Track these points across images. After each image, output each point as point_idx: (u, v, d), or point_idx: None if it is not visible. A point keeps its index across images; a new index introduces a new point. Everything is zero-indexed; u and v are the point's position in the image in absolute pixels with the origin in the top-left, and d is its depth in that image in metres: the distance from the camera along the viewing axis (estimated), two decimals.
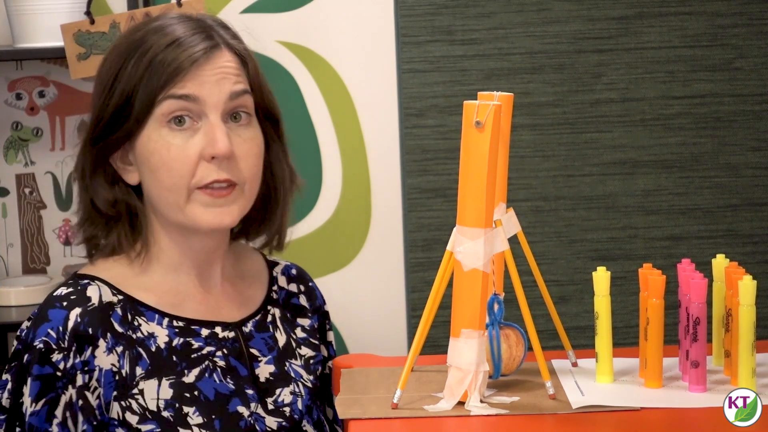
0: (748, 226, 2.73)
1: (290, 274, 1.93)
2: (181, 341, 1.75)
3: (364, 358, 1.87)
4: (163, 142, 1.72)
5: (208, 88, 1.72)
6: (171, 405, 1.71)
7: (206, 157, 1.71)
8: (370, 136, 2.71)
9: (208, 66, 1.73)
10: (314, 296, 1.94)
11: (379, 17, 2.69)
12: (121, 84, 1.73)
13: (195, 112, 1.72)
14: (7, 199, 2.75)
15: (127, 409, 1.70)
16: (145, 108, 1.72)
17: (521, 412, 1.59)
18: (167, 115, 1.71)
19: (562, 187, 2.71)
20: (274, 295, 1.89)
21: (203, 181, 1.72)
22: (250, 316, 1.83)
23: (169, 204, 1.74)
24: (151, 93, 1.72)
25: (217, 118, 1.72)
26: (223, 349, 1.77)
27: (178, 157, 1.71)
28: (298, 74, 2.68)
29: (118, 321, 1.73)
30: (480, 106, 1.57)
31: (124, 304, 1.75)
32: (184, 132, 1.72)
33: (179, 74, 1.71)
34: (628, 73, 2.69)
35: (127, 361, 1.72)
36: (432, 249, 2.72)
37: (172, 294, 1.78)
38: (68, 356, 1.68)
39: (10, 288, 2.61)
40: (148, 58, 1.72)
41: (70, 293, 1.73)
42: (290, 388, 1.81)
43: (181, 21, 1.77)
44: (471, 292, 1.60)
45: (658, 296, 1.66)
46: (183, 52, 1.72)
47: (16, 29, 2.55)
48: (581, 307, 2.72)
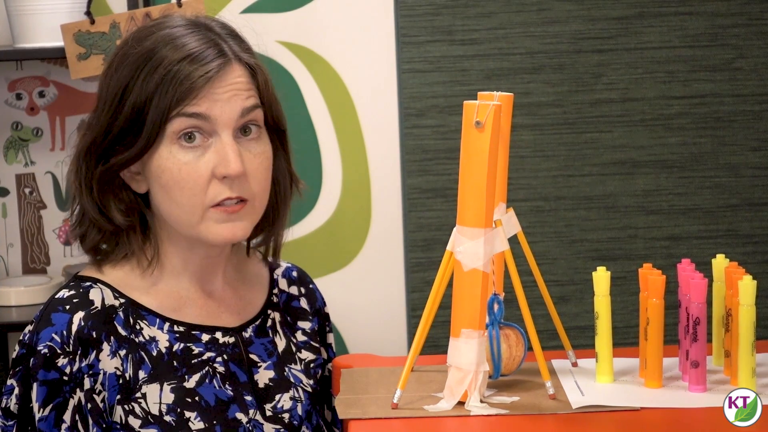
0: (748, 226, 2.73)
1: (291, 276, 1.93)
2: (182, 346, 1.75)
3: (364, 358, 1.87)
4: (174, 161, 1.70)
5: (220, 107, 1.70)
6: (173, 410, 1.71)
7: (218, 175, 1.70)
8: (370, 136, 2.71)
9: (220, 83, 1.71)
10: (314, 298, 1.93)
11: (379, 17, 2.69)
12: (132, 97, 1.70)
13: (206, 129, 1.70)
14: (7, 199, 2.75)
15: (129, 412, 1.70)
16: (157, 125, 1.70)
17: (521, 412, 1.59)
18: (177, 133, 1.70)
19: (562, 187, 2.71)
20: (275, 298, 1.88)
21: (216, 200, 1.71)
22: (250, 321, 1.83)
23: (181, 221, 1.73)
24: (164, 109, 1.69)
25: (228, 136, 1.71)
26: (223, 355, 1.77)
27: (190, 176, 1.70)
28: (298, 74, 2.68)
29: (120, 324, 1.73)
30: (480, 106, 1.57)
31: (126, 307, 1.74)
32: (195, 150, 1.70)
33: (192, 92, 1.70)
34: (628, 73, 2.69)
35: (131, 365, 1.71)
36: (432, 249, 2.71)
37: (173, 298, 1.78)
38: (74, 360, 1.68)
39: (10, 288, 2.61)
40: (161, 73, 1.69)
41: (72, 296, 1.73)
42: (290, 394, 1.81)
43: (190, 30, 1.74)
44: (471, 292, 1.60)
45: (658, 296, 1.66)
46: (196, 69, 1.70)
47: (16, 29, 2.55)
48: (581, 307, 2.72)
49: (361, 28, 2.69)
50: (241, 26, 1.81)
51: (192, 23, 1.76)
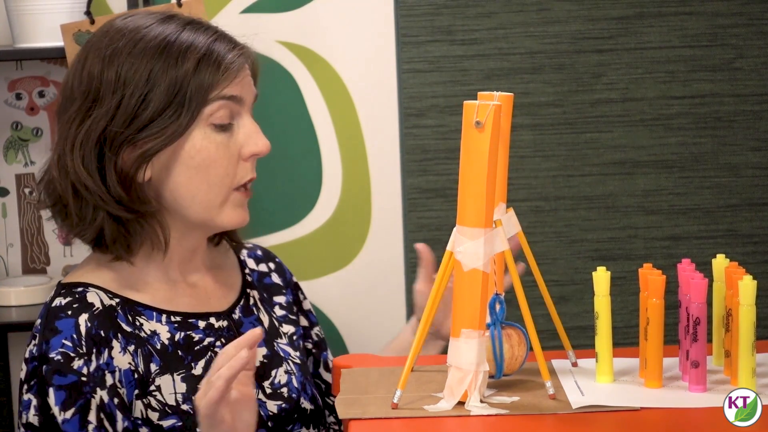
0: (748, 226, 2.73)
1: (257, 255, 1.96)
2: (183, 335, 1.76)
3: (364, 358, 1.87)
4: (211, 140, 1.74)
5: (247, 90, 1.78)
6: (188, 398, 1.72)
7: (246, 155, 1.75)
8: (370, 136, 2.71)
9: (244, 66, 1.78)
10: (283, 271, 1.97)
11: (379, 17, 2.69)
12: (163, 83, 1.70)
13: (235, 111, 1.75)
14: (7, 199, 2.75)
15: (148, 406, 1.71)
16: (197, 108, 1.72)
17: (521, 412, 1.59)
18: (213, 116, 1.73)
19: (562, 187, 2.71)
20: (249, 278, 1.91)
21: (242, 180, 1.76)
22: (235, 302, 1.85)
23: (203, 203, 1.75)
24: (204, 91, 1.72)
25: (250, 118, 1.77)
26: (221, 339, 1.79)
27: (225, 155, 1.74)
28: (298, 74, 2.68)
29: (124, 322, 1.73)
30: (480, 106, 1.57)
31: (122, 306, 1.75)
32: (225, 132, 1.75)
33: (230, 75, 1.73)
34: (628, 73, 2.69)
35: (141, 359, 1.72)
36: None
37: (163, 290, 1.80)
38: (90, 360, 1.68)
39: (10, 288, 2.61)
40: (195, 56, 1.71)
41: (70, 302, 1.73)
42: (284, 368, 1.83)
43: (175, 20, 1.77)
44: (471, 292, 1.60)
45: (658, 296, 1.66)
46: (229, 51, 1.74)
47: (16, 29, 2.55)
48: (581, 307, 2.72)
49: (361, 28, 2.69)
50: (243, 30, 1.83)
51: (188, 20, 1.78)
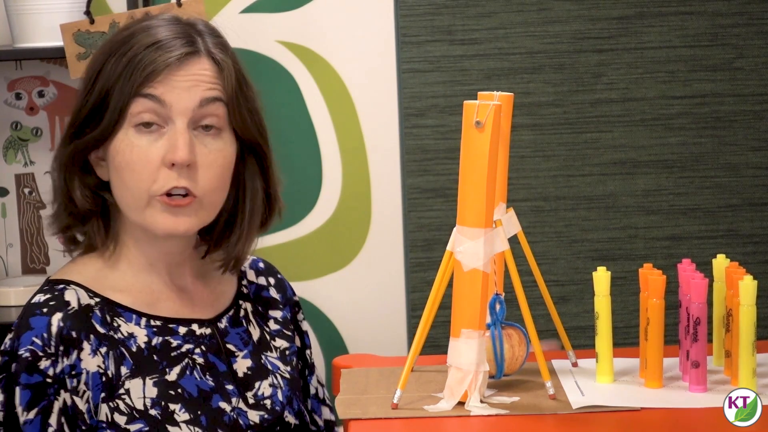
0: (749, 226, 2.73)
1: (258, 267, 1.94)
2: (161, 340, 1.76)
3: (364, 358, 1.87)
4: (128, 143, 1.72)
5: (178, 94, 1.72)
6: (157, 403, 1.72)
7: (167, 163, 1.71)
8: (370, 136, 2.71)
9: (182, 72, 1.72)
10: (284, 287, 1.95)
11: (379, 17, 2.69)
12: (101, 82, 1.74)
13: (162, 116, 1.72)
14: (6, 199, 2.75)
15: (115, 410, 1.70)
16: (119, 107, 1.72)
17: (521, 412, 1.59)
18: (136, 116, 1.72)
19: (562, 187, 2.71)
20: (245, 289, 1.90)
21: (163, 189, 1.71)
22: (224, 312, 1.84)
23: (130, 205, 1.74)
24: (126, 93, 1.72)
25: (183, 125, 1.72)
26: (201, 346, 1.78)
27: (140, 159, 1.71)
28: (298, 74, 2.68)
29: (99, 322, 1.73)
30: (480, 106, 1.57)
31: (101, 306, 1.75)
32: (150, 135, 1.72)
33: (152, 76, 1.72)
34: (628, 73, 2.69)
35: (112, 362, 1.72)
36: (432, 249, 2.72)
37: (146, 293, 1.79)
38: (57, 361, 1.68)
39: (10, 288, 2.61)
40: (128, 58, 1.73)
41: (48, 299, 1.73)
42: (269, 381, 1.82)
43: (169, 23, 1.77)
44: (471, 292, 1.60)
45: (659, 296, 1.66)
46: (160, 55, 1.73)
47: (16, 29, 2.55)
48: (581, 307, 2.72)
49: (361, 28, 2.69)
50: (241, 31, 1.82)
51: (176, 18, 1.78)
